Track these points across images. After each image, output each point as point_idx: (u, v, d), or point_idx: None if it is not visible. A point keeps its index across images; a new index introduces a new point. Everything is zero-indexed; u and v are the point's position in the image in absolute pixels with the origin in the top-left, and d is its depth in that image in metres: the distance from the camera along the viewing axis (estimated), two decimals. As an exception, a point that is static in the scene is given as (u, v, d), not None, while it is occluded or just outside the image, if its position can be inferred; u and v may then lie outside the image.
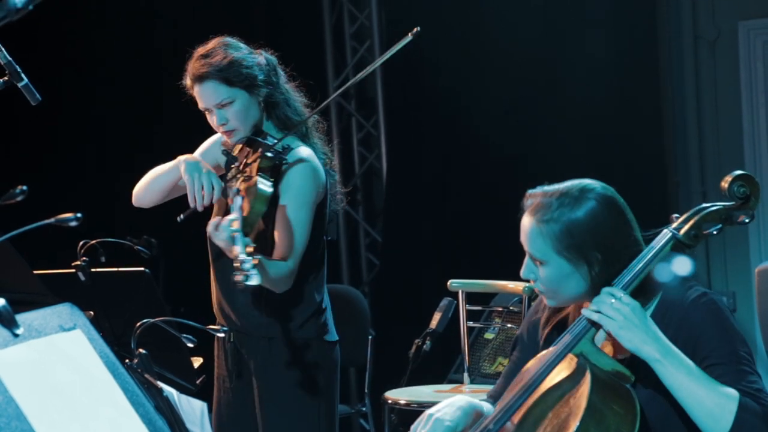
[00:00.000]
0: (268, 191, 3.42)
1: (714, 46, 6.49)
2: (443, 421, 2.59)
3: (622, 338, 2.44)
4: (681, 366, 2.42)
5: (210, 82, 3.53)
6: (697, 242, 2.53)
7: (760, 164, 6.43)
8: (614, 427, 2.40)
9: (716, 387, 2.40)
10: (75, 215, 1.92)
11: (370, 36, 6.96)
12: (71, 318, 1.88)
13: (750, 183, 2.56)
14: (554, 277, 2.56)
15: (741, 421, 2.37)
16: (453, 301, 4.51)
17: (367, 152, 7.05)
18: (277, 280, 3.43)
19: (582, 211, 2.55)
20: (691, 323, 2.50)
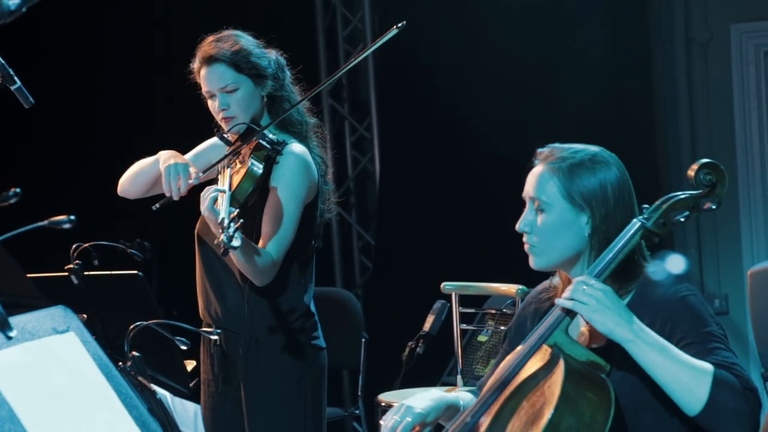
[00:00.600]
0: (257, 171, 3.46)
1: (706, 48, 6.51)
2: (414, 409, 2.69)
3: (596, 322, 2.48)
4: (655, 344, 2.45)
5: (219, 65, 3.58)
6: (666, 230, 2.58)
7: (753, 166, 6.44)
8: (589, 414, 2.43)
9: (691, 362, 2.43)
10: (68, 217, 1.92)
11: (363, 39, 6.97)
12: (65, 321, 1.88)
13: (716, 171, 2.60)
14: (553, 226, 2.63)
15: (717, 392, 2.40)
16: (446, 304, 4.51)
17: (360, 155, 7.05)
18: (260, 269, 3.45)
19: (596, 162, 2.67)
20: (667, 310, 2.55)
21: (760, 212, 6.43)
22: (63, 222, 1.92)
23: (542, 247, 2.66)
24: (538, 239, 2.66)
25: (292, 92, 3.71)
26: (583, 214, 2.64)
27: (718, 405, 2.40)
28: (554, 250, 2.65)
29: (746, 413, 2.41)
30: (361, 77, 7.06)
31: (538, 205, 2.65)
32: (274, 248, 3.48)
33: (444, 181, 6.53)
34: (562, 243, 2.65)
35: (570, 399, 2.43)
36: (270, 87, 3.64)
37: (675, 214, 2.59)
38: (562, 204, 2.63)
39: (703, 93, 6.52)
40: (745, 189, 6.45)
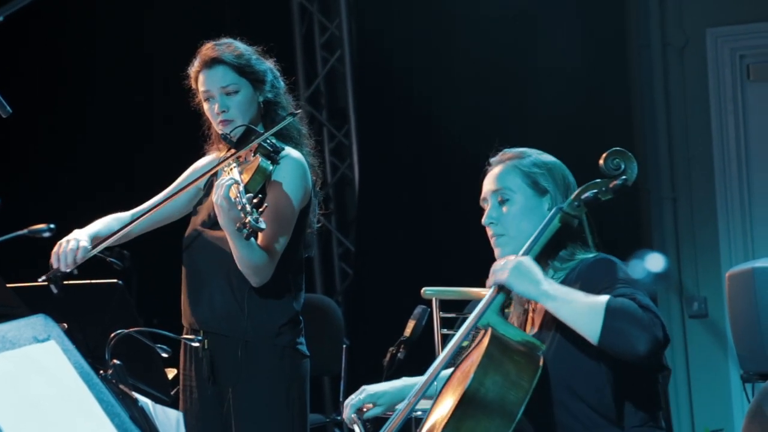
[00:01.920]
0: (268, 167, 3.52)
1: (682, 53, 6.53)
2: (368, 390, 3.08)
3: (513, 285, 2.70)
4: (561, 291, 2.66)
5: (220, 66, 3.62)
6: (581, 211, 2.80)
7: (730, 169, 6.47)
8: (515, 372, 2.60)
9: (591, 298, 2.64)
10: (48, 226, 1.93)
11: (340, 46, 6.98)
12: (45, 329, 1.88)
13: (623, 156, 2.81)
14: (519, 212, 2.86)
15: (611, 313, 2.57)
16: (427, 309, 4.51)
17: (339, 162, 7.06)
18: (259, 266, 3.48)
19: (545, 156, 2.95)
20: (584, 275, 2.75)
21: (737, 215, 6.46)
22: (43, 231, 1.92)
23: (510, 233, 2.85)
24: (506, 227, 2.86)
25: (286, 101, 3.75)
26: (545, 200, 2.87)
27: (613, 325, 2.57)
28: (521, 236, 2.83)
29: (640, 327, 2.56)
30: (339, 84, 7.07)
31: (502, 196, 2.87)
32: (271, 247, 3.50)
33: (422, 187, 6.54)
34: (527, 228, 2.84)
35: (494, 358, 2.60)
36: (267, 93, 3.67)
37: (585, 194, 2.80)
38: (526, 191, 2.87)
39: (680, 97, 6.54)
40: (722, 192, 6.48)
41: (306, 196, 3.63)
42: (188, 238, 3.68)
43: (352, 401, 3.08)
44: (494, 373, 2.57)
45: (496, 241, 2.88)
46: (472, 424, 2.53)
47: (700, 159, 6.44)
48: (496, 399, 2.54)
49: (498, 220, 2.87)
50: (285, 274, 3.62)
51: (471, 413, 2.54)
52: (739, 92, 6.46)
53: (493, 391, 2.55)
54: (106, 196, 6.02)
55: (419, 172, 6.55)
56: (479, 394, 2.54)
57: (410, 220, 6.53)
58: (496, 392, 2.55)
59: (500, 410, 2.54)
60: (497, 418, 2.53)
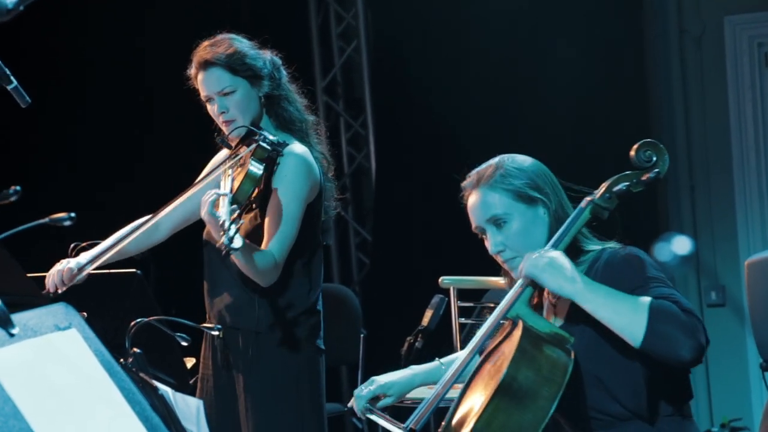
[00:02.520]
0: (257, 173, 3.47)
1: (700, 41, 6.51)
2: (376, 381, 3.03)
3: (545, 281, 2.63)
4: (600, 291, 2.59)
5: (214, 68, 3.60)
6: (612, 203, 2.74)
7: (748, 158, 6.45)
8: (547, 367, 2.56)
9: (631, 298, 2.58)
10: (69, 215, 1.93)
11: (356, 36, 6.97)
12: (66, 317, 1.88)
13: (655, 148, 2.78)
14: (521, 229, 2.78)
15: (655, 317, 2.53)
16: (444, 298, 4.50)
17: (356, 152, 7.06)
18: (263, 271, 3.47)
19: (520, 160, 2.86)
20: (612, 272, 2.69)
21: (755, 203, 6.44)
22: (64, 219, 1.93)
23: (522, 253, 2.75)
24: (516, 249, 2.78)
25: (289, 91, 3.72)
26: (538, 207, 2.80)
27: (657, 329, 2.52)
28: (533, 249, 2.73)
29: (686, 333, 2.52)
30: (356, 74, 7.06)
31: (497, 221, 2.80)
32: (276, 249, 3.49)
33: (439, 176, 6.52)
34: (534, 240, 2.77)
35: (527, 353, 2.57)
36: (267, 87, 3.65)
37: (617, 186, 2.76)
38: (518, 207, 2.79)
39: (698, 85, 6.52)
40: (740, 180, 6.46)
41: (313, 189, 3.61)
42: (207, 233, 3.69)
43: (362, 393, 3.02)
44: (527, 368, 2.54)
45: (510, 264, 2.80)
46: (504, 419, 2.52)
47: (718, 147, 6.41)
48: (529, 394, 2.53)
49: (505, 245, 2.79)
50: (297, 266, 3.62)
51: (503, 407, 2.53)
52: (758, 80, 6.43)
53: (526, 385, 2.53)
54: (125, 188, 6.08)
55: (436, 160, 6.54)
56: (512, 389, 2.53)
57: (427, 209, 6.52)
58: (528, 387, 2.53)
59: (533, 405, 2.52)
60: (529, 413, 2.52)
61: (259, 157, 3.50)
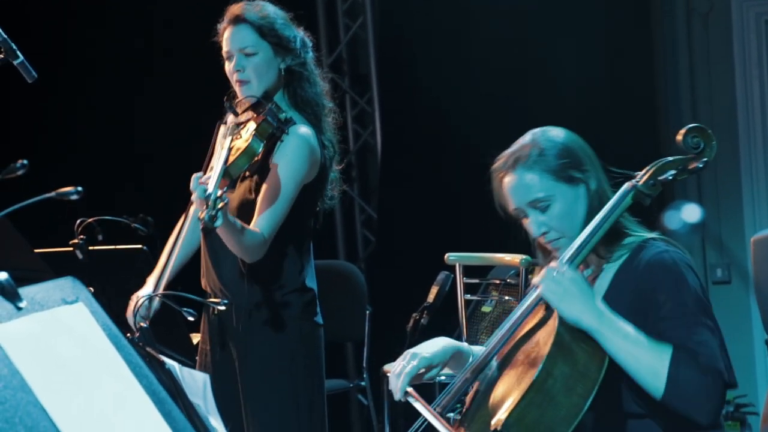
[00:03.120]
0: (256, 149, 3.47)
1: (707, 19, 6.49)
2: (419, 354, 2.74)
3: (562, 311, 2.53)
4: (619, 331, 2.50)
5: (243, 25, 3.59)
6: (656, 191, 2.63)
7: (754, 136, 6.44)
8: (582, 362, 2.49)
9: (652, 345, 2.50)
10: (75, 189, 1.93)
11: (363, 12, 6.95)
12: (73, 291, 1.88)
13: (703, 134, 2.65)
14: (564, 210, 2.67)
15: (674, 374, 2.47)
16: (450, 275, 4.51)
17: (362, 129, 7.05)
18: (249, 247, 3.47)
19: (555, 136, 2.74)
20: (651, 275, 2.60)
21: (762, 181, 6.44)
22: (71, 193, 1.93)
23: (567, 234, 2.68)
24: (560, 230, 2.69)
25: (312, 72, 3.70)
26: (579, 186, 2.69)
27: (677, 387, 2.47)
28: (577, 229, 2.66)
29: (702, 398, 2.47)
30: (362, 51, 7.05)
31: (539, 204, 2.69)
32: (265, 226, 3.49)
33: (445, 153, 6.52)
34: (577, 220, 2.67)
35: (563, 347, 2.50)
36: (290, 60, 3.64)
37: (663, 174, 2.64)
38: (560, 187, 2.69)
39: (704, 63, 6.51)
40: (747, 158, 6.45)
41: (311, 171, 3.60)
42: None
43: (406, 370, 2.71)
44: (563, 363, 2.48)
45: (555, 245, 2.70)
46: (537, 415, 2.46)
47: (724, 124, 6.40)
48: (563, 390, 2.46)
49: (549, 227, 2.69)
50: (289, 247, 3.63)
51: (537, 403, 2.46)
52: (765, 57, 6.42)
53: (561, 382, 2.46)
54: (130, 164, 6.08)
55: (441, 138, 6.54)
56: (547, 385, 2.46)
57: (432, 187, 6.52)
58: (563, 383, 2.46)
59: (567, 402, 2.46)
60: (563, 410, 2.46)
61: (262, 133, 3.50)
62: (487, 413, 2.58)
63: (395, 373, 2.73)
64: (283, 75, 3.65)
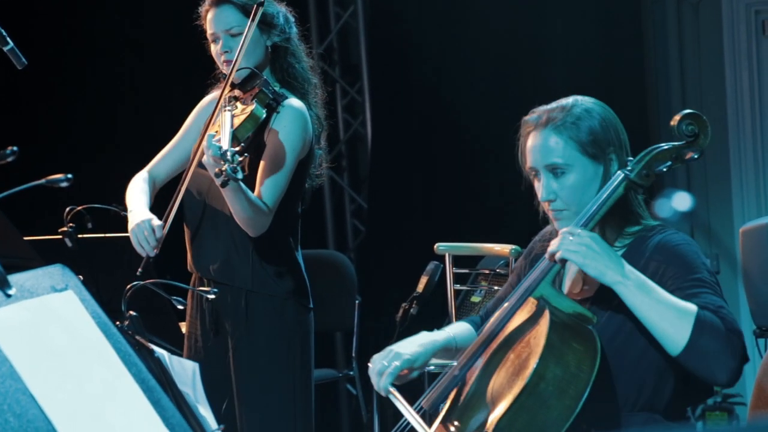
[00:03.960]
0: (261, 114, 3.48)
1: (697, 8, 6.49)
2: (402, 354, 2.71)
3: (587, 266, 2.50)
4: (642, 285, 2.48)
5: (226, 6, 3.59)
6: (649, 181, 2.60)
7: (743, 126, 6.45)
8: (574, 363, 2.46)
9: (676, 302, 2.47)
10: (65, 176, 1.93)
11: (353, 2, 6.94)
12: (63, 279, 1.88)
13: (698, 121, 2.62)
14: (579, 183, 2.63)
15: (698, 332, 2.43)
16: (440, 265, 4.52)
17: (352, 118, 7.04)
18: (255, 217, 3.46)
19: (595, 110, 2.67)
20: (660, 256, 2.59)
21: (750, 172, 6.44)
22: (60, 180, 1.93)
23: (572, 208, 2.64)
24: (567, 202, 2.65)
25: (297, 48, 3.71)
26: (600, 165, 2.64)
27: (699, 344, 2.43)
28: (582, 207, 2.62)
29: (727, 354, 2.43)
30: (352, 40, 7.04)
31: (556, 169, 2.64)
32: (269, 196, 3.49)
33: (435, 143, 6.53)
34: (588, 198, 2.63)
35: (555, 349, 2.47)
36: (276, 37, 3.64)
37: (657, 165, 2.60)
38: (582, 160, 2.64)
39: (694, 53, 6.51)
40: (735, 148, 6.46)
41: (305, 146, 3.60)
42: (190, 189, 3.65)
43: (388, 369, 2.69)
44: (555, 366, 2.44)
45: (557, 215, 2.66)
46: (529, 418, 2.44)
47: (713, 115, 6.40)
48: (556, 393, 2.44)
49: (558, 196, 2.64)
50: (283, 228, 3.62)
51: (529, 406, 2.44)
52: (754, 48, 6.42)
53: (554, 385, 2.43)
54: (119, 151, 6.06)
55: (432, 128, 6.54)
56: (539, 389, 2.43)
57: (423, 177, 6.52)
58: (556, 386, 2.43)
59: (559, 404, 2.43)
60: (555, 411, 2.43)
61: (262, 101, 3.51)
62: (477, 414, 2.57)
63: (376, 371, 2.72)
64: (269, 52, 3.65)
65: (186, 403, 2.12)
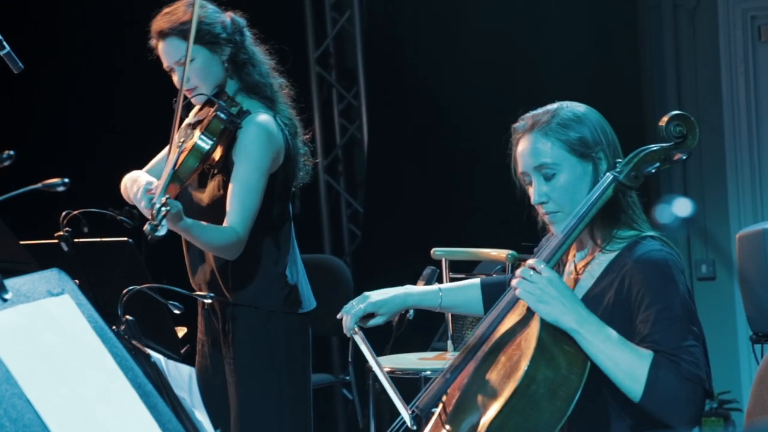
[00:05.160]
0: (203, 147, 3.44)
1: (693, 14, 6.50)
2: (368, 298, 2.92)
3: (541, 312, 2.50)
4: (598, 333, 2.48)
5: (171, 38, 3.55)
6: (638, 182, 2.61)
7: (739, 132, 6.46)
8: (565, 365, 2.47)
9: (632, 350, 2.48)
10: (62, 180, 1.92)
11: (350, 6, 6.95)
12: (59, 283, 1.88)
13: (686, 122, 2.61)
14: (569, 183, 2.64)
15: (654, 379, 2.44)
16: (436, 270, 4.51)
17: (348, 123, 7.04)
18: (224, 246, 3.46)
19: (579, 110, 2.70)
20: (641, 273, 2.57)
21: (746, 177, 6.45)
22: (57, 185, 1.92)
23: (565, 209, 2.65)
24: (559, 203, 2.66)
25: (253, 54, 3.65)
26: (588, 164, 2.66)
27: (656, 393, 2.45)
28: (575, 207, 2.63)
29: (681, 404, 2.45)
30: (349, 45, 7.04)
31: (546, 171, 2.66)
32: (238, 222, 3.46)
33: (432, 148, 6.53)
34: (579, 197, 2.64)
35: (546, 351, 2.47)
36: (228, 51, 3.59)
37: (646, 166, 2.60)
38: (569, 159, 2.65)
39: (690, 58, 6.52)
40: (732, 154, 6.47)
41: (275, 160, 3.56)
42: None
43: (354, 310, 2.88)
44: (546, 368, 2.44)
45: (551, 218, 2.67)
46: (521, 420, 2.44)
47: (709, 120, 6.41)
48: (547, 395, 2.44)
49: (549, 198, 2.65)
50: (264, 237, 3.62)
51: (520, 409, 2.44)
52: (750, 54, 6.43)
53: (545, 387, 2.43)
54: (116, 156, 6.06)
55: (428, 133, 6.54)
56: (530, 391, 2.44)
57: (419, 181, 6.53)
58: (547, 388, 2.43)
59: (550, 407, 2.43)
60: (546, 414, 2.43)
61: (212, 130, 3.46)
62: (469, 416, 2.56)
63: (345, 311, 2.90)
64: (227, 66, 3.61)
65: (182, 408, 2.11)
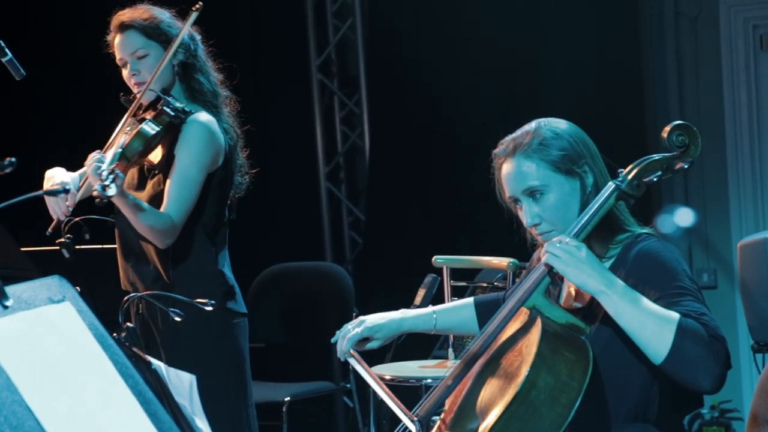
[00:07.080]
0: (148, 131, 3.57)
1: (695, 22, 6.50)
2: (365, 322, 2.95)
3: (569, 274, 2.51)
4: (625, 295, 2.48)
5: (130, 31, 3.71)
6: (641, 191, 2.62)
7: (741, 141, 6.46)
8: (566, 372, 2.46)
9: (658, 311, 2.47)
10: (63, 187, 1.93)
11: (352, 14, 6.95)
12: (60, 290, 1.88)
13: (688, 132, 2.63)
14: (559, 201, 2.67)
15: (681, 340, 2.43)
16: (437, 278, 4.52)
17: (350, 131, 7.04)
18: (157, 229, 3.55)
19: (559, 127, 2.73)
20: (640, 268, 2.60)
21: (748, 186, 6.45)
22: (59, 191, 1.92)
23: (558, 227, 2.67)
24: (552, 222, 2.68)
25: (204, 63, 3.82)
26: (575, 179, 2.69)
27: (682, 352, 2.42)
28: (568, 224, 2.65)
29: (710, 361, 2.43)
30: (350, 52, 7.04)
31: (534, 192, 2.68)
32: (174, 210, 3.58)
33: (434, 156, 6.53)
34: (572, 214, 2.67)
35: (546, 357, 2.47)
36: (181, 55, 3.75)
37: (648, 175, 2.62)
38: (556, 177, 2.68)
39: (692, 67, 6.52)
40: (734, 163, 6.47)
41: (215, 158, 3.68)
42: None
43: (350, 334, 2.92)
44: (546, 374, 2.44)
45: (545, 237, 2.68)
46: (521, 426, 2.43)
47: (711, 129, 6.41)
48: (547, 401, 2.43)
49: (542, 219, 2.68)
50: (201, 236, 3.71)
51: (520, 415, 2.43)
52: (752, 62, 6.43)
53: (545, 393, 2.43)
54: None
55: (430, 141, 6.54)
56: (530, 397, 2.43)
57: (421, 189, 6.52)
58: (547, 394, 2.43)
59: (551, 413, 2.43)
60: (546, 420, 2.42)
61: (158, 119, 3.60)
62: (470, 423, 2.56)
63: (341, 335, 2.94)
64: (177, 70, 3.76)
65: (183, 416, 2.11)
